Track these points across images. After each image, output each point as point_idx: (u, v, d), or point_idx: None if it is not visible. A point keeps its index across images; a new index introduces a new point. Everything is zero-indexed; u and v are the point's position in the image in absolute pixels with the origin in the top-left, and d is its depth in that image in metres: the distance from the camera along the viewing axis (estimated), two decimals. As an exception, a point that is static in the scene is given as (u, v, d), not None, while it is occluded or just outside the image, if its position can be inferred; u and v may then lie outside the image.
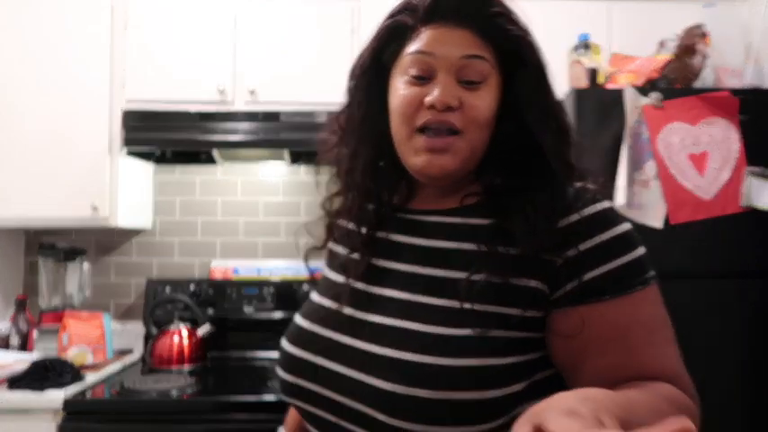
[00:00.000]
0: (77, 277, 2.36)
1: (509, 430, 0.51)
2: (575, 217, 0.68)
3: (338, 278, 0.81)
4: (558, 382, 0.69)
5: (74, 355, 2.04)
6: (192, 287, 2.37)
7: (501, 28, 0.73)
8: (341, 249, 0.84)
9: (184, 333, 2.19)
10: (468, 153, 0.73)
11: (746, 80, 1.99)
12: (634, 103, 1.75)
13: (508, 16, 0.74)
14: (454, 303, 0.68)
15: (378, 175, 0.81)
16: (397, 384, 0.64)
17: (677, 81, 1.92)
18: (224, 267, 2.49)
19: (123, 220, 2.24)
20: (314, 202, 2.93)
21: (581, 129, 1.76)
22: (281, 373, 0.78)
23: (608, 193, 0.71)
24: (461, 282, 0.68)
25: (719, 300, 1.73)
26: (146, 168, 2.48)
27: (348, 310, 0.75)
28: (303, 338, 0.77)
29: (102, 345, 2.14)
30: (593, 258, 0.66)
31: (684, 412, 0.57)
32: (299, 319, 0.81)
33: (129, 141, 2.15)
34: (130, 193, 2.32)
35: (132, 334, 2.45)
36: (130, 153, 2.23)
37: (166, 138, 2.15)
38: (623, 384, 0.61)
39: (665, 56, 2.00)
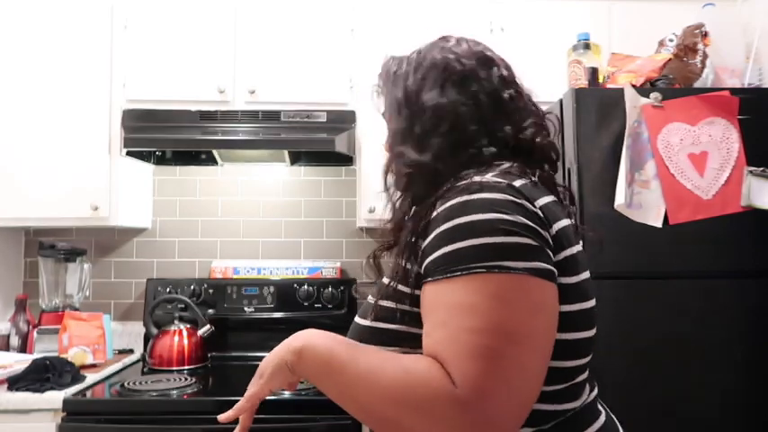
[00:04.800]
0: (77, 277, 2.36)
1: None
2: (437, 208, 0.77)
3: None
4: None
5: (74, 355, 2.04)
6: (192, 287, 2.36)
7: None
8: None
9: (184, 333, 2.19)
10: None
11: (746, 80, 1.99)
12: (634, 103, 1.75)
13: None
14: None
15: None
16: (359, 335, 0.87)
17: (677, 81, 1.92)
18: (224, 267, 2.49)
19: (123, 219, 2.24)
20: (314, 202, 2.92)
21: (581, 129, 1.76)
22: None
23: (491, 184, 0.76)
24: (394, 267, 0.84)
25: (719, 300, 1.73)
26: (145, 168, 2.48)
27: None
28: None
29: (102, 345, 2.14)
30: (431, 246, 0.75)
31: (412, 378, 0.67)
32: None
33: (128, 141, 2.14)
34: (130, 193, 2.32)
35: (132, 334, 2.45)
36: (130, 153, 2.23)
37: (166, 138, 2.15)
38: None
39: (665, 56, 2.00)
